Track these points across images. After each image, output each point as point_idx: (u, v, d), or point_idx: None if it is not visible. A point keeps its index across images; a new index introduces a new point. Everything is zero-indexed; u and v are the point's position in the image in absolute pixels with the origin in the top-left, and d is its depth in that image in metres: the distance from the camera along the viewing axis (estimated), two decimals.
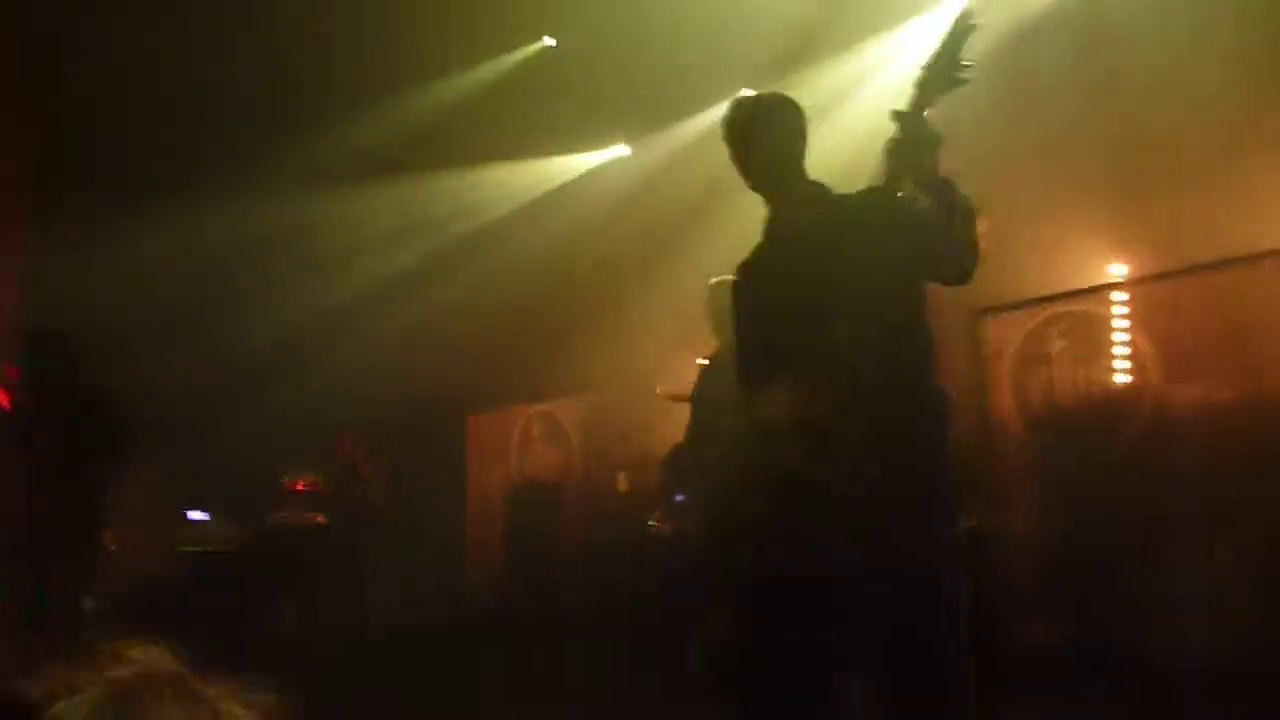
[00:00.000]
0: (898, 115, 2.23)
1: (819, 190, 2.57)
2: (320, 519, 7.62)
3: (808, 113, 2.63)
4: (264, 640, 6.27)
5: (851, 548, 2.33)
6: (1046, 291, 5.13)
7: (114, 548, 5.34)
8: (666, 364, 7.03)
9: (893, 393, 2.36)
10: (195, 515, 7.47)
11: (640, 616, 5.33)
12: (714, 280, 4.14)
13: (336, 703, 4.31)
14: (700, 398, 4.69)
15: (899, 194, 2.27)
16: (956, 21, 2.20)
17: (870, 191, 2.43)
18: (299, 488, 7.75)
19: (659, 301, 6.82)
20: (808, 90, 5.86)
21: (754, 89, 2.75)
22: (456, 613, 6.60)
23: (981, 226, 2.33)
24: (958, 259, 2.36)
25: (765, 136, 2.55)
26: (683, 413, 6.90)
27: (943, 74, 2.20)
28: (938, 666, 2.28)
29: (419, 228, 7.58)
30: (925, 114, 2.22)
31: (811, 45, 6.13)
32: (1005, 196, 4.93)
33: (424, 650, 5.71)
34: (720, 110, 2.70)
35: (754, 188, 2.60)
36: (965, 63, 2.19)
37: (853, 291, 2.31)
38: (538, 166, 7.55)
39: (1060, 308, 5.08)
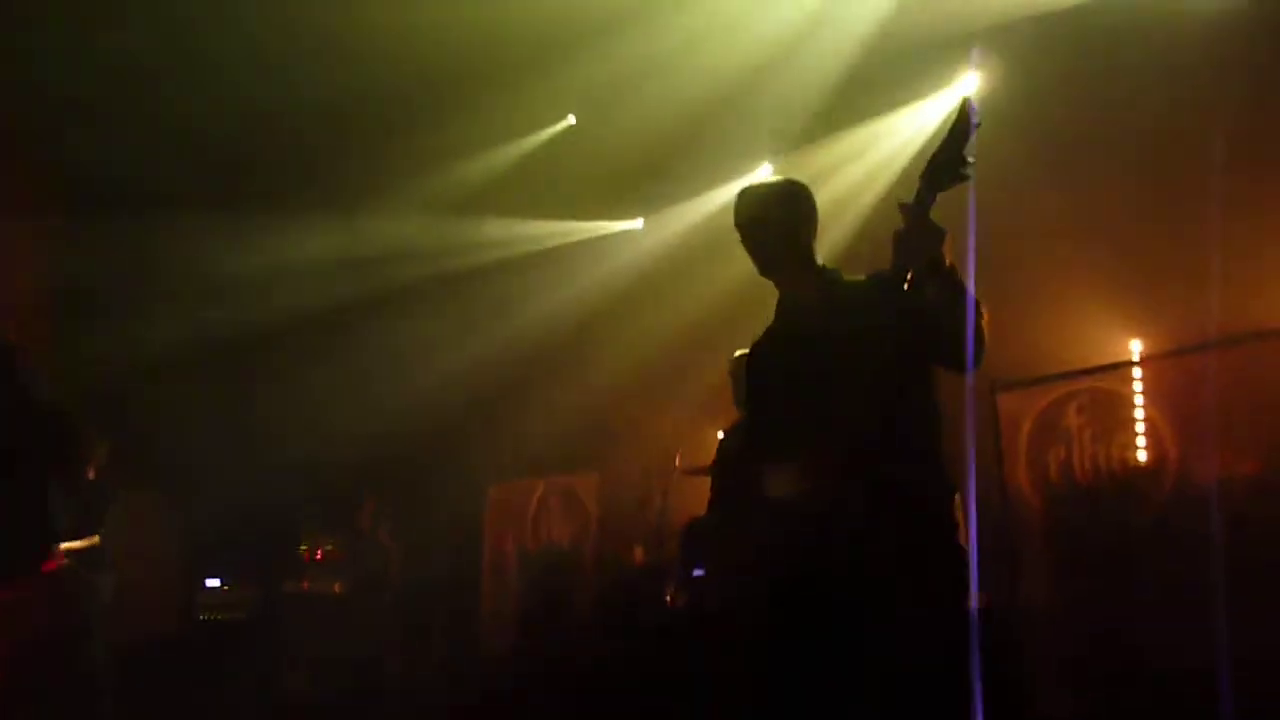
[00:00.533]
0: (904, 208, 2.28)
1: (827, 274, 2.64)
2: (338, 587, 7.62)
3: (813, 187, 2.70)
4: (274, 705, 6.23)
5: (859, 623, 2.32)
6: (1063, 368, 5.13)
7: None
8: (685, 437, 7.04)
9: (899, 469, 2.38)
10: (212, 582, 7.49)
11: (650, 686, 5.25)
12: (737, 353, 4.20)
13: None
14: (720, 467, 4.71)
15: (904, 283, 2.31)
16: (959, 117, 2.25)
17: (877, 277, 2.50)
18: (318, 556, 7.78)
19: (677, 375, 6.86)
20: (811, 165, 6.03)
21: (768, 164, 2.82)
22: (467, 681, 6.54)
23: (984, 316, 2.36)
24: (960, 347, 2.39)
25: (775, 223, 2.62)
26: (701, 486, 6.91)
27: (947, 169, 2.25)
28: None
29: (445, 290, 7.72)
30: (930, 206, 2.27)
31: (823, 123, 6.27)
32: (1021, 271, 5.00)
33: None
34: (733, 186, 2.78)
35: (763, 272, 2.66)
36: (969, 159, 2.23)
37: (858, 370, 2.35)
38: (558, 228, 7.72)
39: (1077, 384, 5.07)
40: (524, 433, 7.46)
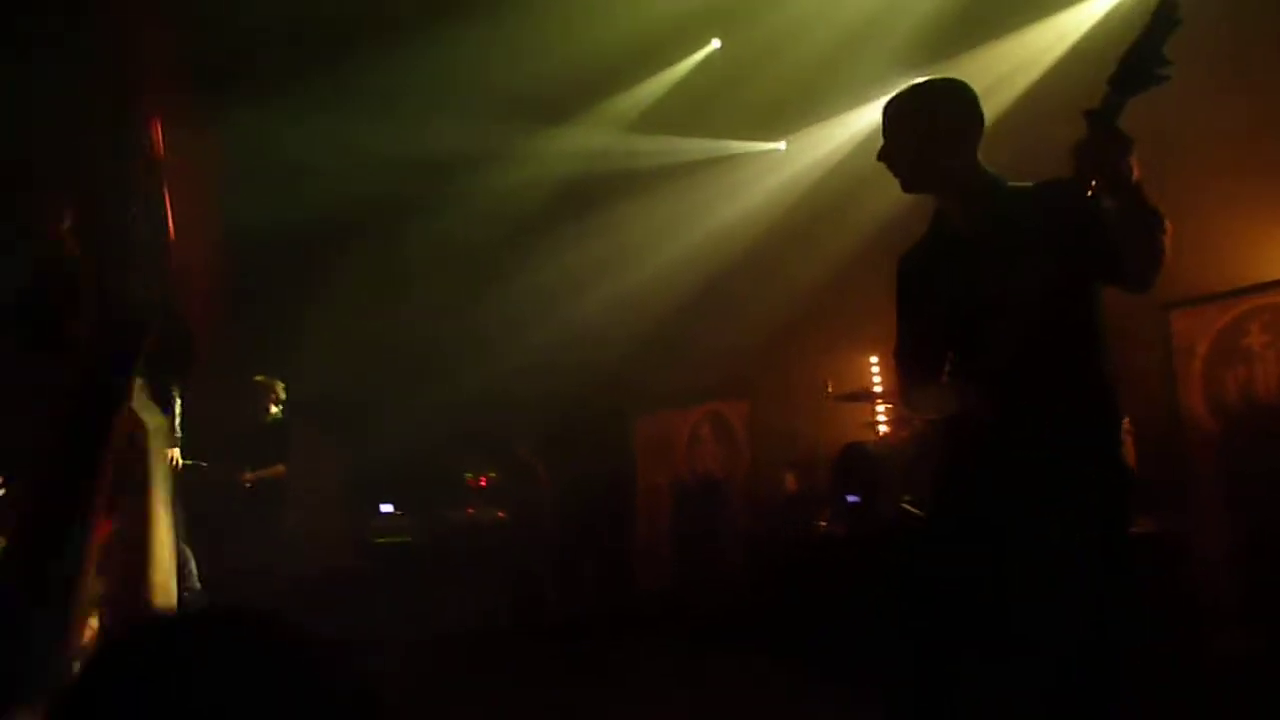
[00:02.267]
0: (1090, 114, 2.08)
1: (990, 180, 2.43)
2: (501, 514, 7.95)
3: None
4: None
5: (1013, 543, 2.28)
6: (1244, 282, 4.79)
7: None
8: (835, 363, 6.97)
9: (1064, 392, 2.30)
10: (385, 508, 7.93)
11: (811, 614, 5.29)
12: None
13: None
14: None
15: (1084, 194, 2.17)
16: (1158, 11, 2.03)
17: (1051, 185, 2.32)
18: (482, 483, 8.12)
19: (826, 301, 6.77)
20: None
21: (917, 77, 2.66)
22: (628, 608, 6.73)
23: (1167, 233, 2.21)
24: (1143, 267, 2.26)
25: (931, 125, 2.40)
26: (853, 412, 6.85)
27: (1141, 70, 2.04)
28: (1071, 664, 2.20)
29: (596, 222, 7.81)
30: (1119, 112, 2.07)
31: (968, 35, 5.98)
32: (1197, 178, 4.67)
33: (594, 644, 5.85)
34: (878, 104, 2.65)
35: (911, 185, 2.46)
36: (1167, 59, 2.02)
37: (1027, 289, 2.22)
38: (704, 146, 7.68)
39: (1261, 299, 4.74)
40: (674, 362, 7.52)
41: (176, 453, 4.88)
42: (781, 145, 7.60)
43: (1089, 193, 2.14)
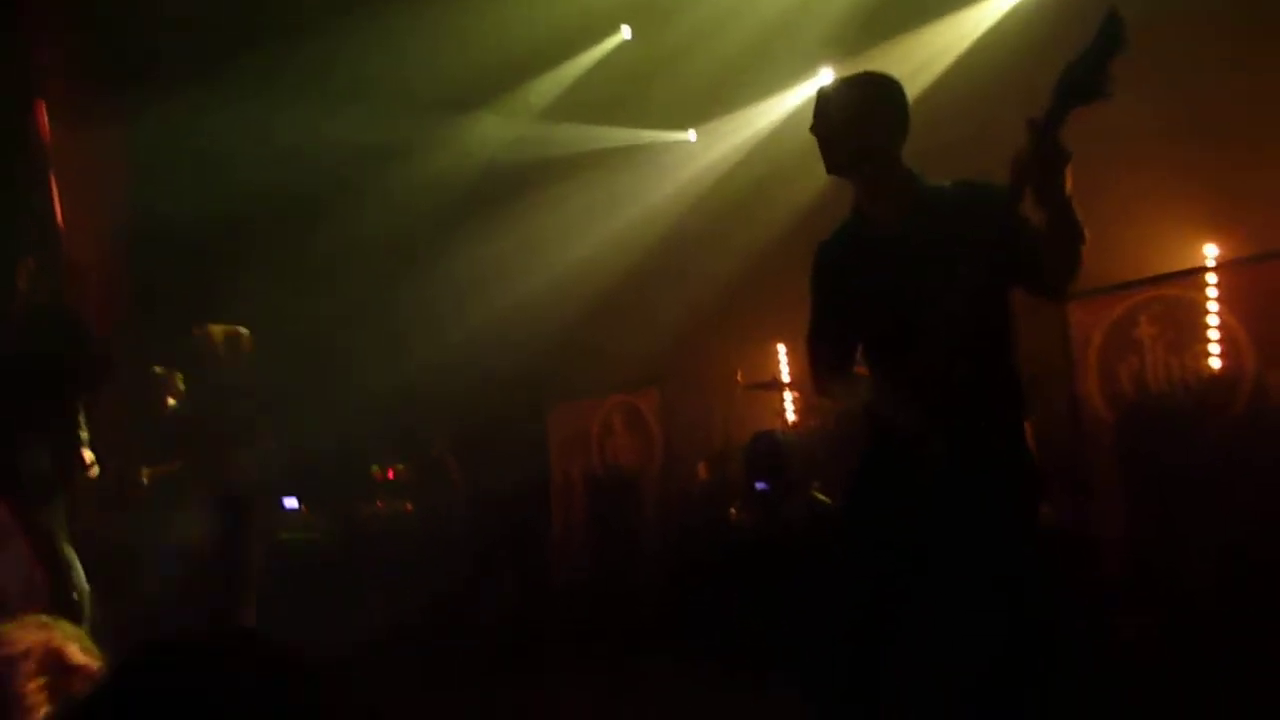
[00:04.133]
0: (1033, 124, 2.10)
1: (913, 178, 2.49)
2: (409, 507, 7.82)
3: None
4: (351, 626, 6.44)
5: (930, 535, 2.33)
6: (1135, 275, 5.00)
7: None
8: (745, 352, 7.04)
9: (980, 384, 2.35)
10: (289, 503, 7.72)
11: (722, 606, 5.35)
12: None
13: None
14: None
15: (1017, 203, 2.20)
16: (1105, 28, 2.03)
17: (975, 189, 2.39)
18: (389, 475, 7.97)
19: (736, 290, 6.83)
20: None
21: (828, 69, 2.70)
22: (545, 604, 6.69)
23: (1085, 244, 2.24)
24: (1061, 278, 2.33)
25: (861, 119, 2.45)
26: (762, 401, 6.94)
27: (1088, 85, 2.03)
28: (999, 649, 2.27)
29: (506, 214, 7.74)
30: (1061, 125, 2.08)
31: (876, 31, 6.10)
32: (1088, 174, 4.82)
33: (512, 643, 5.81)
34: (789, 95, 2.69)
35: (838, 170, 2.51)
36: (1110, 75, 2.01)
37: (955, 292, 2.26)
38: (612, 135, 7.67)
39: (1150, 292, 4.95)
40: (587, 355, 7.51)
41: (90, 456, 4.65)
42: (690, 135, 7.63)
43: (1018, 202, 2.19)
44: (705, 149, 7.53)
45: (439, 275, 7.74)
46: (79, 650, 1.41)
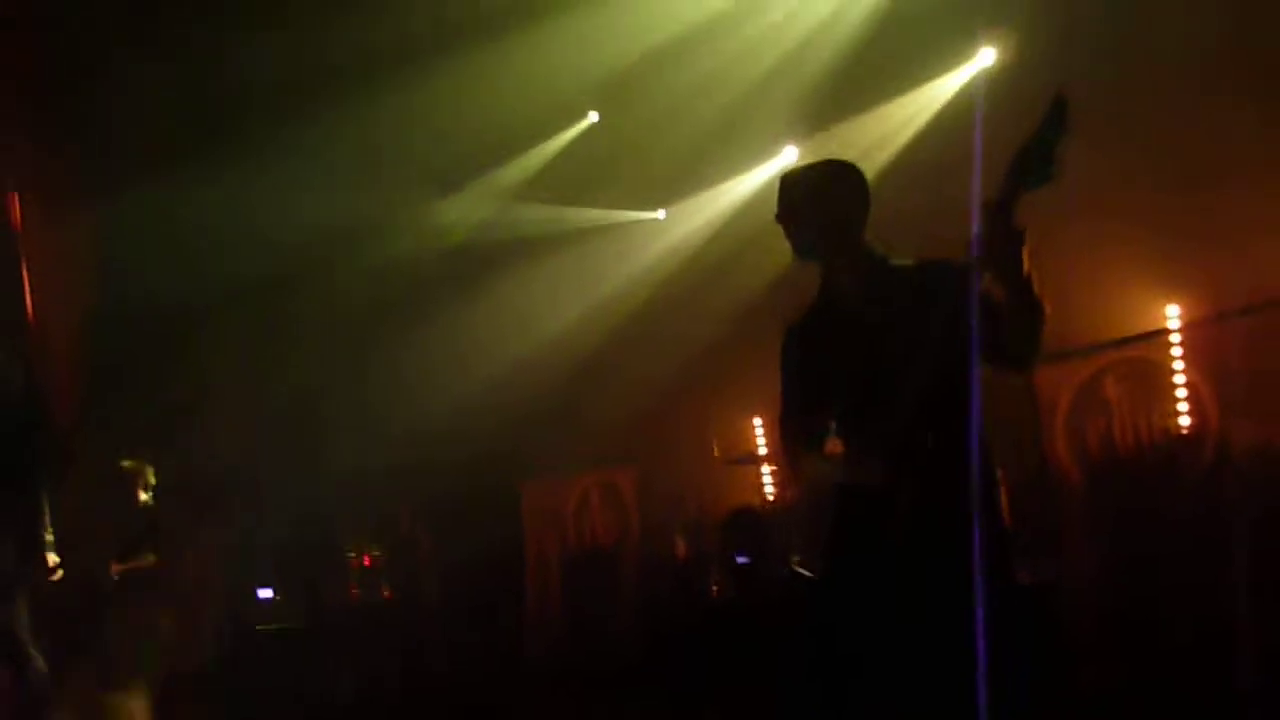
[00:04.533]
0: (988, 207, 2.15)
1: (879, 259, 2.56)
2: (387, 593, 7.70)
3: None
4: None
5: (907, 604, 2.33)
6: (1100, 338, 5.08)
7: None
8: (722, 427, 7.05)
9: (948, 452, 2.38)
10: (264, 593, 7.58)
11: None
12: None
13: None
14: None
15: (975, 281, 2.25)
16: (1053, 111, 2.10)
17: (936, 266, 2.45)
18: (366, 562, 7.85)
19: (711, 365, 6.87)
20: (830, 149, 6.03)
21: (792, 147, 2.78)
22: (512, 687, 6.59)
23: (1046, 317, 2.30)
24: (1024, 353, 2.38)
25: (824, 204, 2.53)
26: (740, 475, 6.93)
27: (1038, 168, 2.10)
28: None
29: (472, 294, 7.78)
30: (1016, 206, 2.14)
31: (836, 109, 6.27)
32: (1050, 241, 4.91)
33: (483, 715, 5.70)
34: (756, 173, 2.77)
35: (805, 254, 2.58)
36: (1054, 159, 2.08)
37: (911, 357, 2.31)
38: (583, 216, 7.78)
39: (1115, 354, 5.03)
40: (562, 430, 7.50)
41: (54, 559, 4.53)
42: (660, 214, 7.75)
43: (977, 282, 2.24)
44: (675, 225, 7.64)
45: (412, 352, 7.75)
46: None
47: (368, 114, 6.69)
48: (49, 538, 4.49)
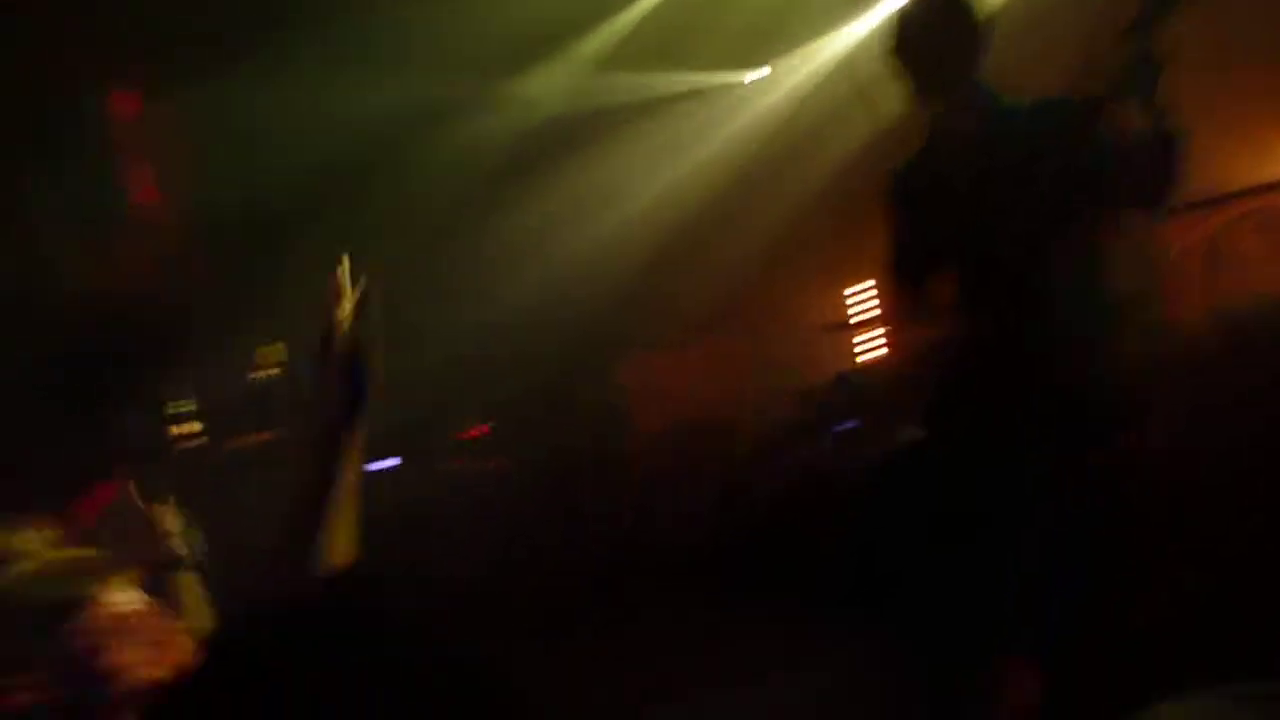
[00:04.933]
0: (1129, 32, 2.04)
1: (990, 96, 2.43)
2: (493, 464, 7.91)
3: None
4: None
5: (1015, 461, 2.25)
6: (1237, 185, 4.72)
7: None
8: (823, 294, 6.92)
9: (1066, 305, 2.27)
10: (376, 465, 7.87)
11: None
12: None
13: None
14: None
15: (1100, 115, 2.10)
16: None
17: (1058, 104, 2.31)
18: (472, 435, 8.07)
19: (813, 231, 6.70)
20: None
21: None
22: (632, 559, 6.73)
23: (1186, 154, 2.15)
24: (1160, 191, 2.23)
25: (936, 41, 2.42)
26: (840, 342, 6.82)
27: None
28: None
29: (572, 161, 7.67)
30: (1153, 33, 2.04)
31: None
32: (1184, 79, 4.56)
33: (601, 591, 5.84)
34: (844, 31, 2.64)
35: (917, 95, 2.47)
36: None
37: (1028, 202, 2.19)
38: (684, 80, 7.52)
39: (1253, 202, 4.67)
40: (655, 307, 7.46)
41: (196, 425, 4.83)
42: (750, 77, 7.45)
43: (1105, 113, 2.08)
44: (765, 89, 7.36)
45: (499, 234, 7.73)
46: (170, 621, 1.42)
47: None
48: (179, 409, 4.77)
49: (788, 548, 5.63)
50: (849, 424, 5.91)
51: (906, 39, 2.46)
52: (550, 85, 7.58)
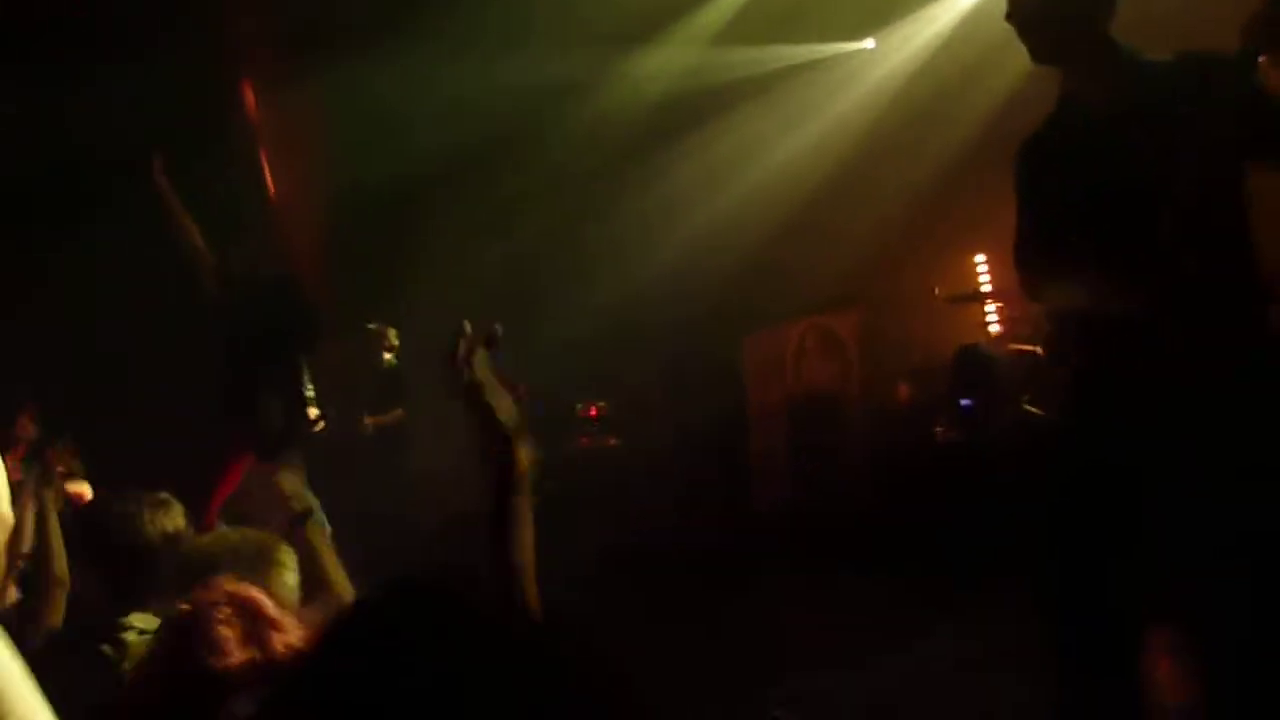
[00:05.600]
0: None
1: (1126, 54, 2.26)
2: (614, 441, 8.01)
3: None
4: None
5: (1166, 448, 2.12)
6: None
7: None
8: (944, 264, 6.76)
9: (1214, 277, 2.11)
10: None
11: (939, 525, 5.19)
12: None
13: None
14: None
15: (1249, 70, 1.96)
16: None
17: (1200, 60, 2.14)
18: (593, 413, 8.17)
19: (932, 200, 6.54)
20: None
21: None
22: (749, 530, 6.73)
23: None
24: None
25: (1061, 5, 2.25)
26: (964, 315, 6.64)
27: None
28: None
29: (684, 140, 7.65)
30: None
31: None
32: None
33: (720, 565, 5.87)
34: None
35: (1043, 57, 2.31)
36: None
37: (1172, 168, 2.05)
38: (789, 52, 7.42)
39: None
40: (778, 280, 7.40)
41: (316, 411, 5.04)
42: (870, 44, 7.29)
43: (1256, 69, 1.95)
44: (886, 55, 7.20)
45: (623, 211, 7.77)
46: (274, 605, 1.50)
47: None
48: (310, 394, 4.97)
49: (912, 522, 5.56)
50: (968, 400, 5.77)
51: (1022, 5, 2.27)
52: (668, 62, 7.56)
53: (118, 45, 5.65)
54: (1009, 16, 2.32)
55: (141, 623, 2.34)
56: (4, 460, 2.28)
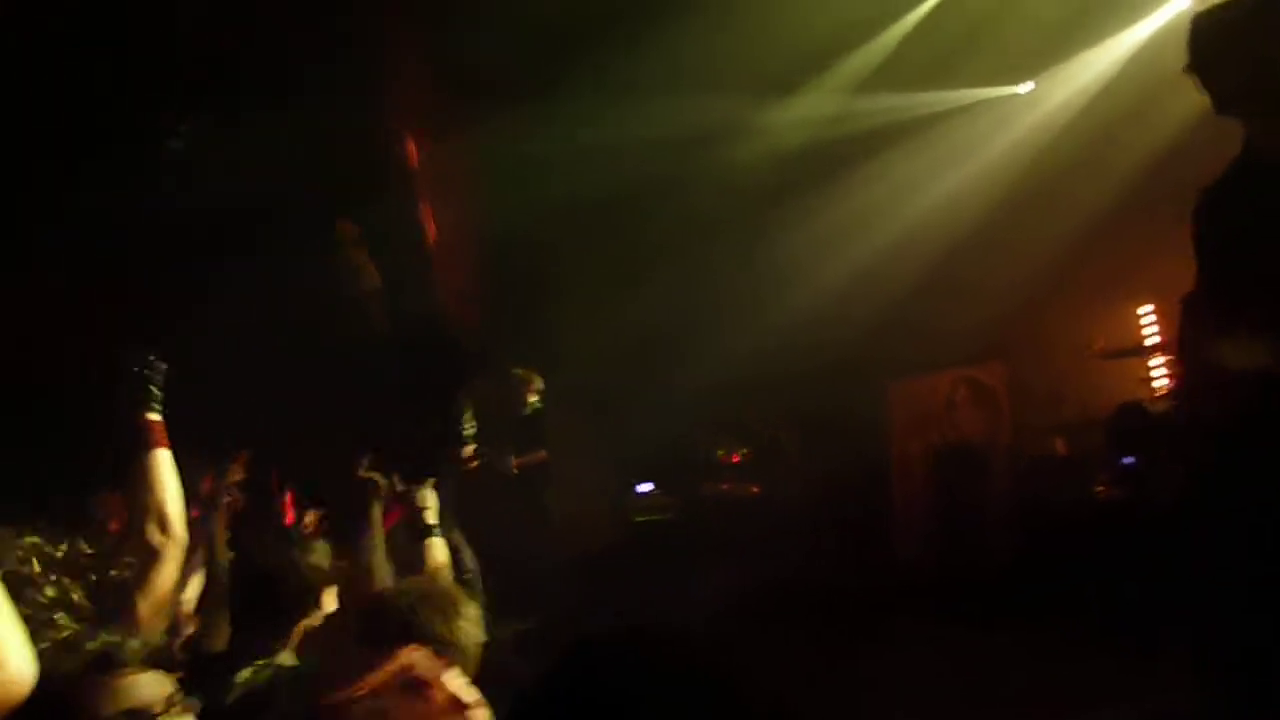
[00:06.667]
0: None
1: None
2: (754, 489, 7.97)
3: None
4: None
5: None
6: None
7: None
8: (1101, 316, 6.50)
9: None
10: (643, 487, 8.14)
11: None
12: None
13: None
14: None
15: None
16: None
17: None
18: (734, 460, 8.17)
19: (1087, 250, 6.31)
20: None
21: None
22: (889, 580, 6.56)
23: None
24: None
25: (1247, 46, 2.16)
26: (1123, 369, 6.35)
27: None
28: None
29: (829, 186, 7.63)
30: None
31: None
32: None
33: (857, 613, 5.75)
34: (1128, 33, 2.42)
35: (1225, 108, 2.21)
36: None
37: None
38: (942, 98, 7.31)
39: None
40: (924, 329, 7.25)
41: (471, 449, 5.21)
42: (1024, 88, 7.13)
43: None
44: (1041, 100, 7.01)
45: (763, 259, 7.78)
46: (463, 686, 1.59)
47: (702, 21, 6.69)
48: (469, 432, 5.15)
49: (1065, 578, 5.30)
50: (1130, 458, 5.51)
51: (1202, 49, 2.20)
52: (815, 108, 7.58)
53: (290, 92, 6.01)
54: (1189, 68, 2.23)
55: (288, 660, 2.49)
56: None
